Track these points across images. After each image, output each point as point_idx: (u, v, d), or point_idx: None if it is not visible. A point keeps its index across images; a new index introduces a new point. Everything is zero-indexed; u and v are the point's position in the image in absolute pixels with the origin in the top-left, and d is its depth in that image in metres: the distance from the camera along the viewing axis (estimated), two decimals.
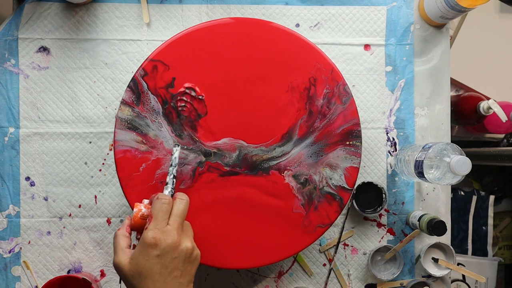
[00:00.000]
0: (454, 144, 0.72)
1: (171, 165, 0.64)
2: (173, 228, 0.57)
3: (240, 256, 0.70)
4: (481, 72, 1.10)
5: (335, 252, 0.83)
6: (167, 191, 0.62)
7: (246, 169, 0.70)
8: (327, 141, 0.71)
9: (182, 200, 0.59)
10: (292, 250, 0.70)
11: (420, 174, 0.72)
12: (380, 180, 0.83)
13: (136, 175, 0.69)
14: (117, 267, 0.56)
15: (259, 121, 0.70)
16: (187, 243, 0.57)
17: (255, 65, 0.71)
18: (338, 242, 0.83)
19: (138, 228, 0.60)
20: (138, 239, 0.60)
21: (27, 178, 0.80)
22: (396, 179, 0.84)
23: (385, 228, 0.83)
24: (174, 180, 0.63)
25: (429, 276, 0.82)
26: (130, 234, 0.60)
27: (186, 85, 0.69)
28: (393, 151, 0.84)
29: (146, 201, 0.61)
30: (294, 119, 0.70)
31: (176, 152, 0.65)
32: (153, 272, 0.55)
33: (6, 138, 0.80)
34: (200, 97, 0.69)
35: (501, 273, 1.25)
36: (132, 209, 0.62)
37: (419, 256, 0.82)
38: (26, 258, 0.80)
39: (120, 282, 0.59)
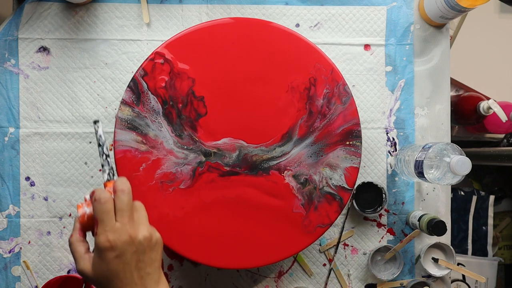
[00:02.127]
0: (454, 144, 0.72)
1: (98, 145, 0.58)
2: (122, 223, 0.54)
3: (240, 256, 0.70)
4: (481, 72, 1.10)
5: (335, 252, 0.83)
6: (105, 174, 0.57)
7: (246, 169, 0.70)
8: (327, 141, 0.71)
9: (123, 192, 0.55)
10: (292, 250, 0.70)
11: (420, 174, 0.72)
12: (380, 180, 0.83)
13: (136, 175, 0.69)
14: (82, 274, 0.55)
15: (259, 121, 0.70)
16: (143, 232, 0.55)
17: (255, 65, 0.71)
18: (338, 242, 0.83)
19: (89, 228, 0.57)
20: (94, 235, 0.57)
21: (27, 178, 0.80)
22: (396, 179, 0.84)
23: (385, 228, 0.83)
24: (109, 159, 0.58)
25: (429, 276, 0.82)
26: (85, 236, 0.57)
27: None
28: (393, 151, 0.84)
29: (87, 197, 0.57)
30: (294, 119, 0.70)
31: (99, 128, 0.58)
32: (117, 272, 0.53)
33: (6, 138, 0.80)
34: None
35: (501, 273, 1.24)
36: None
37: (419, 256, 0.82)
38: (26, 258, 0.80)
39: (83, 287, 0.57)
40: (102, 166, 0.58)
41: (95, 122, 0.58)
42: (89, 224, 0.56)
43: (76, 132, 0.81)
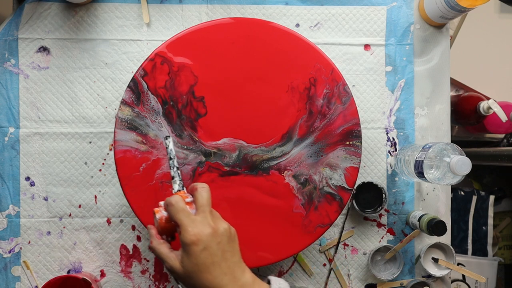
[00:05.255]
0: (454, 144, 0.72)
1: (170, 158, 0.62)
2: (204, 217, 0.56)
3: None
4: (481, 72, 1.10)
5: (335, 252, 0.83)
6: (176, 185, 0.61)
7: (246, 169, 0.70)
8: (327, 141, 0.71)
9: (204, 188, 0.59)
10: (292, 250, 0.70)
11: (420, 174, 0.72)
12: (380, 180, 0.83)
13: (136, 175, 0.69)
14: (171, 272, 0.57)
15: (259, 121, 0.70)
16: (223, 224, 0.57)
17: (255, 65, 0.71)
18: (338, 242, 0.83)
19: (166, 232, 0.59)
20: (168, 241, 0.60)
21: (27, 178, 0.80)
22: (396, 179, 0.84)
23: (385, 228, 0.83)
24: (179, 172, 0.62)
25: (429, 276, 0.82)
26: (163, 239, 0.59)
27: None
28: (393, 151, 0.84)
29: (161, 203, 0.60)
30: (294, 119, 0.70)
31: (170, 143, 0.63)
32: (207, 265, 0.55)
33: (6, 138, 0.80)
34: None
35: (501, 273, 1.25)
36: (136, 212, 0.61)
37: (419, 256, 0.82)
38: (26, 258, 0.80)
39: (178, 282, 0.59)
40: (173, 177, 0.61)
41: (167, 137, 0.62)
42: (166, 228, 0.59)
43: (76, 132, 0.81)
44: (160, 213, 0.59)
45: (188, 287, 0.57)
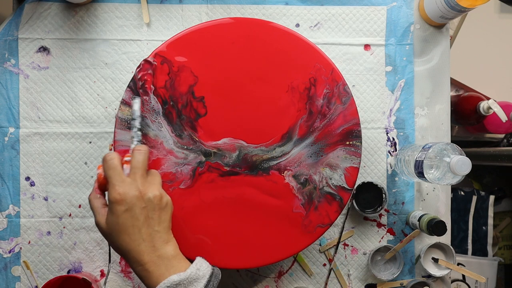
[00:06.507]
0: (454, 144, 0.72)
1: (132, 119, 0.65)
2: (134, 179, 0.57)
3: (240, 256, 0.70)
4: (481, 72, 1.10)
5: (335, 252, 0.83)
6: (133, 145, 0.64)
7: (246, 169, 0.70)
8: (327, 141, 0.71)
9: (140, 151, 0.60)
10: (292, 250, 0.70)
11: (420, 174, 0.72)
12: (380, 180, 0.83)
13: None
14: (98, 227, 0.59)
15: (259, 121, 0.70)
16: (154, 191, 0.57)
17: (255, 65, 0.71)
18: (338, 242, 0.83)
19: (105, 188, 0.61)
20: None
21: (27, 178, 0.80)
22: (396, 179, 0.84)
23: (385, 228, 0.83)
24: (139, 132, 0.64)
25: (429, 276, 0.82)
26: (102, 195, 0.61)
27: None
28: (393, 151, 0.84)
29: None
30: (294, 119, 0.70)
31: (135, 104, 0.66)
32: (126, 227, 0.56)
33: (6, 138, 0.80)
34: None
35: (501, 273, 1.25)
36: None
37: (419, 256, 0.82)
38: (26, 258, 0.80)
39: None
40: (132, 137, 0.65)
41: (134, 98, 0.66)
42: (104, 184, 0.61)
43: (76, 132, 0.81)
44: (100, 170, 0.61)
45: (110, 244, 0.59)
